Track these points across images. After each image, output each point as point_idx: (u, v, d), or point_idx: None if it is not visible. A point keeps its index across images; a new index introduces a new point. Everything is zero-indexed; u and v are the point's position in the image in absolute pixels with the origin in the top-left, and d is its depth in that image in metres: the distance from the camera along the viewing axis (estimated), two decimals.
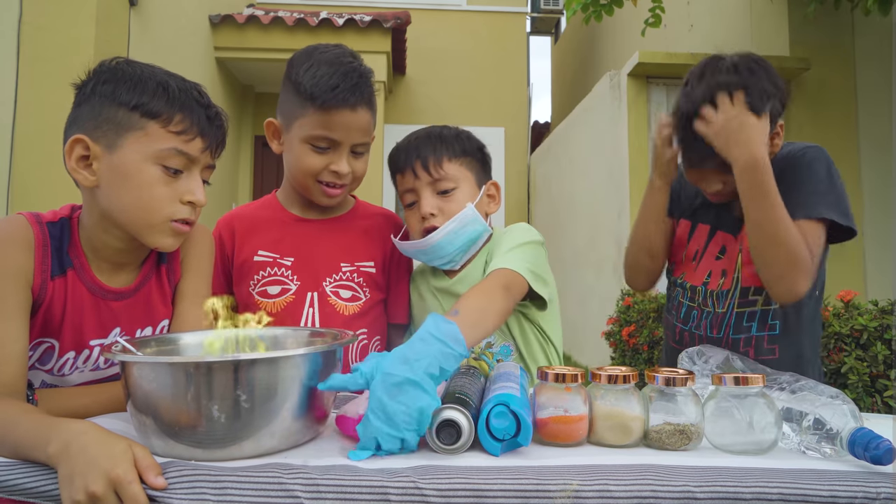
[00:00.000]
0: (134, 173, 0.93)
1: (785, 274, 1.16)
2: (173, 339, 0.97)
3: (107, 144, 0.93)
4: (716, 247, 1.35)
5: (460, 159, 1.29)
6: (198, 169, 0.99)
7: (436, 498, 0.69)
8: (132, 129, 0.93)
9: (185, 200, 0.97)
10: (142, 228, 0.97)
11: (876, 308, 2.45)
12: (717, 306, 1.33)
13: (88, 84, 0.95)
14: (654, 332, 3.65)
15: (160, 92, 0.94)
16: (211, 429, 0.74)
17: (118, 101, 0.93)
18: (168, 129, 0.94)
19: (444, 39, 8.33)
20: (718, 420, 0.84)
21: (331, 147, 1.23)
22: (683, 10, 5.58)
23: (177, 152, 0.95)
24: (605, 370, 0.87)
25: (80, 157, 0.94)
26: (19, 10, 3.60)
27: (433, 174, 1.26)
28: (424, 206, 1.26)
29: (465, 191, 1.28)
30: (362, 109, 1.23)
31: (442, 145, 1.28)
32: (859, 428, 0.76)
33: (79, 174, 0.95)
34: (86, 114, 0.94)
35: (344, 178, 1.26)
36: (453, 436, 0.78)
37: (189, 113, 0.95)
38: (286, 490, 0.69)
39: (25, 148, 3.54)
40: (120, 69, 0.95)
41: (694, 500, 0.69)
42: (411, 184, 1.28)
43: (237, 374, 0.74)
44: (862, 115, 4.22)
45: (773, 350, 1.29)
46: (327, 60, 1.22)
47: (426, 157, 1.27)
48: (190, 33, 5.61)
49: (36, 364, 1.00)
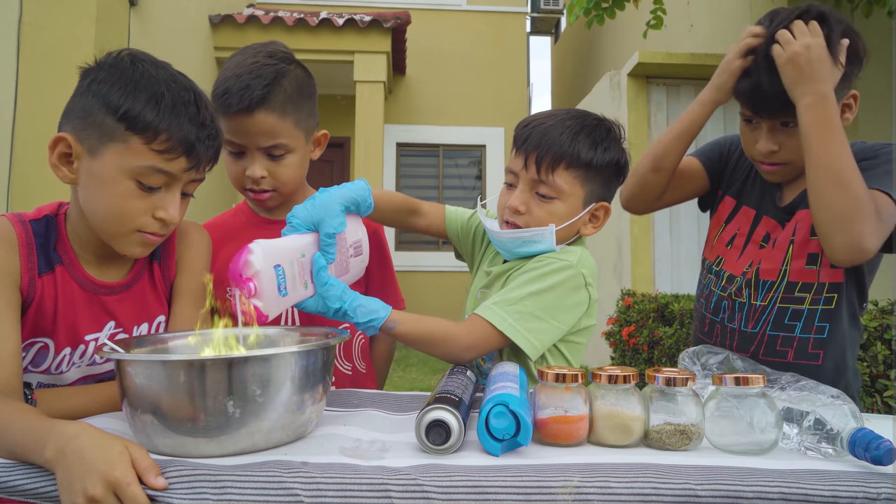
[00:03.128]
0: (109, 183, 0.92)
1: (847, 219, 1.04)
2: (166, 338, 0.97)
3: (89, 148, 0.93)
4: (760, 234, 1.27)
5: (580, 171, 1.13)
6: (178, 185, 0.97)
7: (438, 495, 0.69)
8: (115, 140, 0.91)
9: (157, 216, 0.96)
10: (109, 235, 0.97)
11: (876, 308, 2.45)
12: (754, 297, 1.25)
13: (89, 76, 0.94)
14: (654, 332, 3.64)
15: (151, 104, 0.91)
16: (218, 422, 0.75)
17: (108, 105, 0.91)
18: (150, 147, 0.91)
19: (444, 39, 8.33)
20: (719, 420, 0.84)
21: (241, 152, 1.23)
22: (683, 10, 5.58)
23: (155, 171, 0.92)
24: (606, 370, 0.87)
25: (62, 154, 0.94)
26: (19, 10, 3.60)
27: (541, 176, 1.13)
28: (514, 200, 1.15)
29: (564, 205, 1.14)
30: (261, 113, 1.18)
31: (570, 147, 1.12)
32: (860, 428, 0.76)
33: (59, 170, 0.95)
34: (78, 110, 0.94)
35: (261, 182, 1.23)
36: (442, 436, 0.78)
37: (176, 131, 0.91)
38: (287, 489, 0.69)
39: (25, 148, 3.54)
40: (119, 68, 0.93)
41: (696, 497, 0.69)
42: (518, 168, 1.16)
43: (247, 369, 0.76)
44: (862, 116, 4.22)
45: (818, 356, 1.20)
46: (235, 62, 1.22)
47: (544, 154, 1.12)
48: (190, 33, 5.61)
49: (29, 367, 0.99)
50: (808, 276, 1.20)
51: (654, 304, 3.80)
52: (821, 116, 1.07)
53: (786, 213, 1.25)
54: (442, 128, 8.29)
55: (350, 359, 1.37)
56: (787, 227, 1.24)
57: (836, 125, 1.08)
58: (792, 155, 1.18)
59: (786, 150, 1.18)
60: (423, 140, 8.29)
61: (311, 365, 0.83)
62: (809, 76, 1.08)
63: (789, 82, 1.10)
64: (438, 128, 8.29)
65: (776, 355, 1.22)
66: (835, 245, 1.07)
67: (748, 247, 1.29)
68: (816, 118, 1.08)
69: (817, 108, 1.08)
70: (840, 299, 1.20)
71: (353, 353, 1.38)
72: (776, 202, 1.28)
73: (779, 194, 1.28)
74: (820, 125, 1.08)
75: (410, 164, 8.38)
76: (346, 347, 1.36)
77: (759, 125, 1.20)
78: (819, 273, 1.19)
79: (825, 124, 1.07)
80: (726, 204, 1.36)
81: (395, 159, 8.22)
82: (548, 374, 0.86)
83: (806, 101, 1.08)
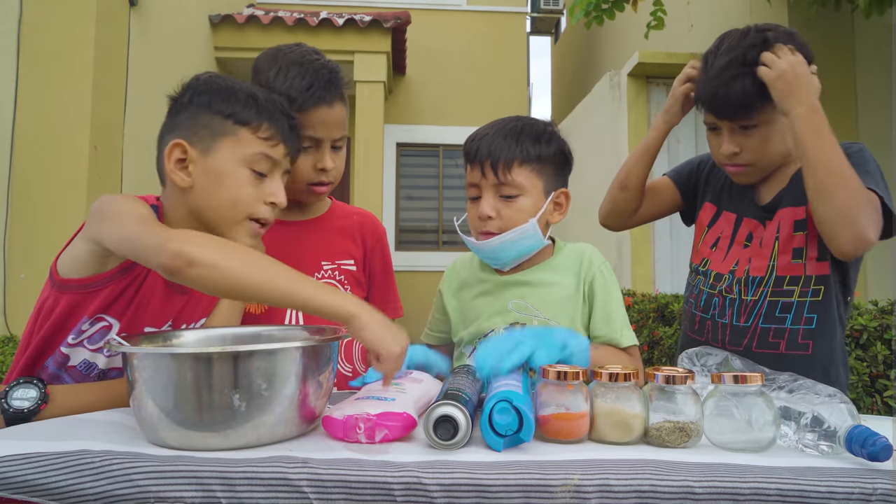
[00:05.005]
0: (228, 174, 1.02)
1: (852, 213, 1.12)
2: (177, 335, 0.99)
3: (202, 149, 1.02)
4: (743, 234, 1.35)
5: (532, 165, 1.23)
6: (279, 172, 1.08)
7: (438, 493, 0.69)
8: (226, 134, 1.02)
9: (268, 201, 1.06)
10: (227, 224, 1.04)
11: (876, 308, 2.46)
12: (744, 293, 1.31)
13: (185, 95, 1.05)
14: (655, 332, 3.65)
15: (250, 102, 1.03)
16: (224, 416, 0.76)
17: (213, 109, 1.02)
18: (257, 136, 1.03)
19: (443, 39, 8.33)
20: (717, 418, 0.85)
21: (313, 146, 1.26)
22: (683, 10, 5.58)
23: (264, 157, 1.04)
24: (606, 368, 0.88)
25: (177, 160, 1.02)
26: (19, 10, 3.60)
27: (500, 178, 1.21)
28: (483, 207, 1.22)
29: (528, 199, 1.23)
30: (338, 104, 1.26)
31: (517, 147, 1.21)
32: (856, 425, 0.77)
33: (176, 175, 1.02)
34: (183, 121, 1.02)
35: (330, 174, 1.29)
36: (450, 431, 0.79)
37: (275, 122, 1.05)
38: (293, 486, 0.70)
39: (25, 148, 3.54)
40: (213, 82, 1.05)
41: (693, 494, 0.70)
42: (477, 180, 1.24)
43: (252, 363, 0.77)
44: (862, 116, 4.23)
45: (808, 346, 1.27)
46: (294, 61, 1.24)
47: (497, 158, 1.21)
48: (190, 33, 5.62)
49: (86, 342, 1.02)
50: (795, 269, 1.26)
51: (654, 304, 3.80)
52: (814, 125, 1.18)
53: (766, 211, 1.33)
54: (442, 128, 8.29)
55: (351, 360, 1.38)
56: (769, 225, 1.31)
57: (827, 131, 1.18)
58: (753, 155, 1.28)
59: (746, 151, 1.27)
60: (423, 140, 8.29)
61: (316, 360, 0.84)
62: (797, 90, 1.18)
63: (780, 96, 1.20)
64: (438, 128, 8.29)
65: (768, 347, 1.28)
66: (841, 239, 1.15)
67: (733, 247, 1.36)
68: (810, 127, 1.18)
69: (809, 119, 1.18)
70: (827, 291, 1.27)
71: (353, 354, 1.39)
72: (755, 202, 1.35)
73: (756, 195, 1.36)
74: (814, 133, 1.17)
75: (410, 164, 8.38)
76: (346, 349, 1.37)
77: (721, 130, 1.30)
78: (805, 266, 1.27)
79: (819, 132, 1.17)
80: (707, 210, 1.44)
81: (395, 159, 8.22)
82: (549, 372, 0.87)
83: (797, 112, 1.18)
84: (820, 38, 4.22)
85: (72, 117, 3.59)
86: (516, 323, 1.24)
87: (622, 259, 5.25)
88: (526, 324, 1.24)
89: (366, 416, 0.82)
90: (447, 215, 8.32)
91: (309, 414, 0.85)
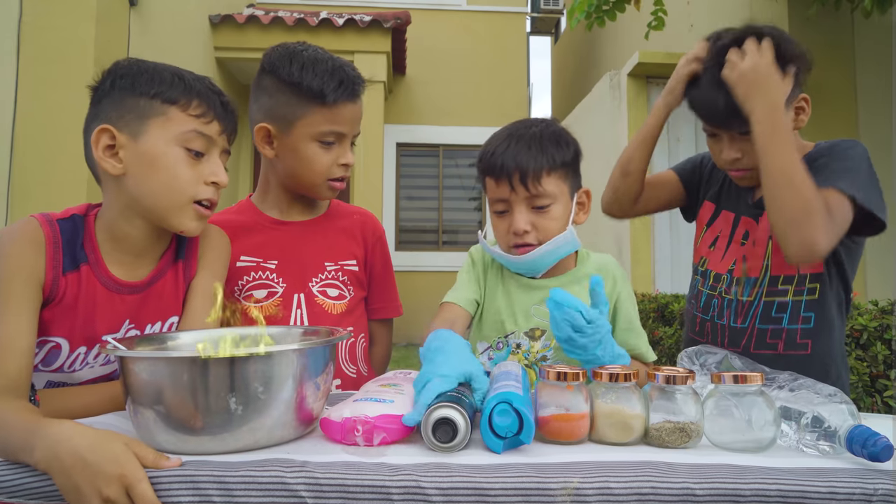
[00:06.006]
0: (160, 156, 0.98)
1: (800, 220, 1.11)
2: (173, 337, 0.98)
3: (131, 133, 0.98)
4: (740, 232, 1.34)
5: (559, 171, 1.20)
6: (217, 151, 1.04)
7: (437, 497, 0.69)
8: (154, 115, 0.98)
9: (208, 181, 1.02)
10: (168, 210, 1.00)
11: (876, 308, 2.46)
12: (741, 294, 1.31)
13: (106, 81, 1.00)
14: (655, 332, 3.65)
15: (176, 81, 1.00)
16: (221, 419, 0.76)
17: (138, 91, 0.98)
18: (188, 113, 0.99)
19: (444, 39, 8.33)
20: (718, 418, 0.85)
21: (336, 141, 1.27)
22: (683, 10, 5.58)
23: (197, 134, 1.00)
24: (606, 369, 0.87)
25: (106, 147, 0.98)
26: (19, 10, 3.60)
27: (531, 190, 1.17)
28: (518, 223, 1.18)
29: (560, 206, 1.21)
30: (359, 101, 1.29)
31: (543, 155, 1.18)
32: (857, 425, 0.76)
33: (106, 163, 0.98)
34: (107, 107, 0.99)
35: (349, 169, 1.31)
36: (449, 433, 0.79)
37: (205, 98, 1.01)
38: (290, 490, 0.69)
39: (25, 148, 3.54)
40: (135, 65, 1.01)
41: (693, 496, 0.69)
42: (506, 195, 1.20)
43: (249, 366, 0.77)
44: (862, 116, 4.23)
45: (807, 345, 1.25)
46: (316, 58, 1.24)
47: (526, 169, 1.17)
48: (190, 33, 5.62)
49: (40, 366, 1.00)
50: (789, 268, 1.25)
51: (654, 304, 3.80)
52: (770, 127, 1.16)
53: (757, 208, 1.32)
54: (442, 128, 8.29)
55: (354, 362, 1.38)
56: (760, 221, 1.30)
57: (784, 133, 1.15)
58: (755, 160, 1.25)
59: (748, 156, 1.25)
60: (423, 140, 8.29)
61: (314, 363, 0.84)
62: (756, 91, 1.16)
63: (741, 98, 1.18)
64: (438, 128, 8.29)
65: (767, 348, 1.27)
66: (789, 247, 1.14)
67: (731, 246, 1.35)
68: (766, 129, 1.16)
69: (767, 120, 1.16)
70: (823, 289, 1.26)
71: (356, 356, 1.39)
72: (748, 201, 1.35)
73: (751, 194, 1.35)
74: (770, 135, 1.15)
75: (410, 164, 8.38)
76: (350, 351, 1.36)
77: (721, 137, 1.28)
78: (798, 265, 1.25)
79: (774, 134, 1.15)
80: (706, 208, 1.44)
81: (395, 159, 8.22)
82: (549, 373, 0.86)
83: (756, 114, 1.16)
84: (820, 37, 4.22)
85: (72, 117, 3.59)
86: (535, 329, 1.24)
87: (622, 259, 5.25)
88: (545, 331, 1.23)
89: (364, 419, 0.81)
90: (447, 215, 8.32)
91: (306, 416, 0.84)
